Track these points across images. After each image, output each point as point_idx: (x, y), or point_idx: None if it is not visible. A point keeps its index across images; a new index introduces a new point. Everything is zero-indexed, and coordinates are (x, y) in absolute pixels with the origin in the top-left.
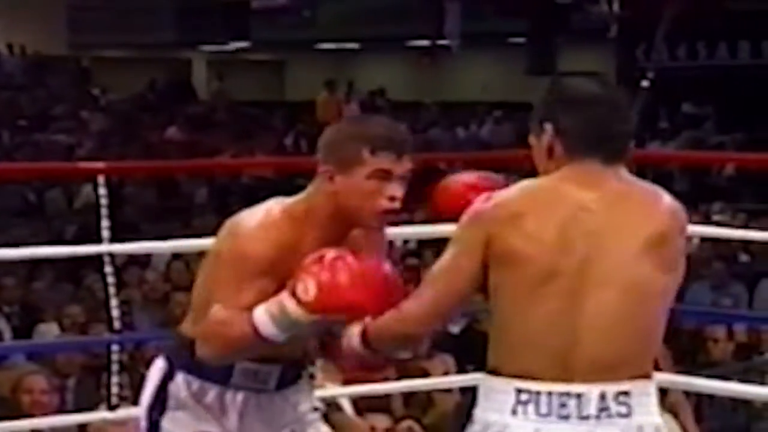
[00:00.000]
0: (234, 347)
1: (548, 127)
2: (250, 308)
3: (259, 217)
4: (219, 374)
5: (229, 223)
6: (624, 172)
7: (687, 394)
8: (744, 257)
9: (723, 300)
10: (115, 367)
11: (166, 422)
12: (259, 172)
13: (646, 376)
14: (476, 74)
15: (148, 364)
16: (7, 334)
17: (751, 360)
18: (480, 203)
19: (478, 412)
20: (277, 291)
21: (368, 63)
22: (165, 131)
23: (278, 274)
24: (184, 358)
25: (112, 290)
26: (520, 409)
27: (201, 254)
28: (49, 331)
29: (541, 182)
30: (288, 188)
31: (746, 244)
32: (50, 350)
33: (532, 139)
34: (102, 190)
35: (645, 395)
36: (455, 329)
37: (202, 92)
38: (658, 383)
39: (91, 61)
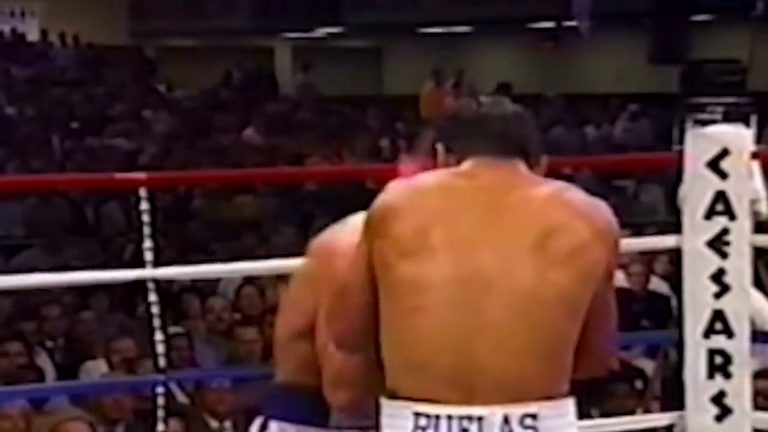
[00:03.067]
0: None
1: (440, 147)
2: None
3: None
4: (316, 414)
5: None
6: (521, 167)
7: None
8: None
9: None
10: (160, 412)
11: None
12: (350, 180)
13: (558, 396)
14: (608, 61)
15: (210, 407)
16: (50, 373)
17: None
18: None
19: None
20: None
21: (480, 49)
22: (241, 133)
23: None
24: (277, 404)
25: (157, 322)
26: None
27: (279, 278)
28: (96, 369)
29: (425, 178)
30: None
31: None
32: (91, 391)
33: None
34: (144, 205)
35: (557, 417)
36: None
37: (285, 87)
38: None
39: (156, 52)
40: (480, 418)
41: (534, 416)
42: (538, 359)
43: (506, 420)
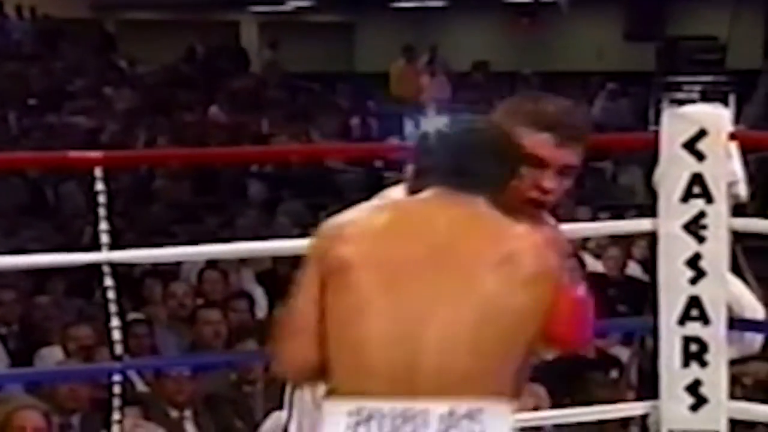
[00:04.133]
0: None
1: (410, 169)
2: None
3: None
4: None
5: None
6: (482, 203)
7: None
8: None
9: None
10: (116, 402)
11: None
12: (317, 160)
13: (500, 395)
14: (587, 38)
15: (169, 396)
16: (3, 360)
17: None
18: None
19: None
20: None
21: (456, 25)
22: (204, 110)
23: None
24: None
25: (113, 307)
26: (362, 429)
27: (242, 261)
28: (52, 356)
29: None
30: (355, 180)
31: None
32: (45, 379)
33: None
34: (100, 186)
35: (498, 416)
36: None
37: (251, 63)
38: None
39: (116, 26)
40: (419, 413)
41: (475, 413)
42: (482, 356)
43: (447, 415)
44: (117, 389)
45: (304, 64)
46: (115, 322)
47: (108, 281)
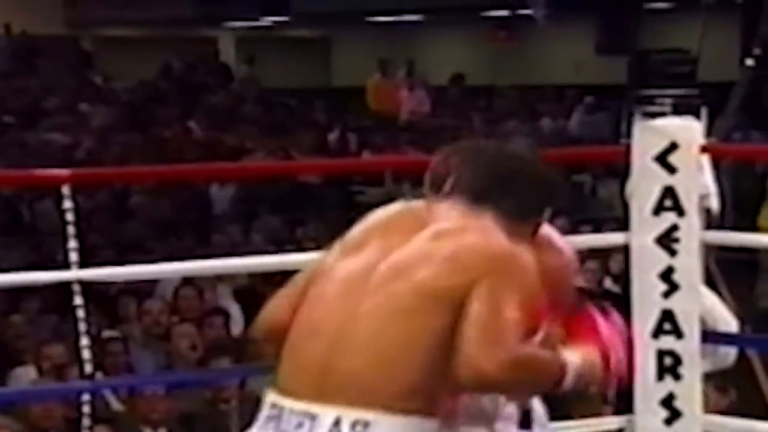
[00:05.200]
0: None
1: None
2: None
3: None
4: None
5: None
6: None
7: None
8: None
9: None
10: (86, 421)
11: None
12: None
13: (402, 412)
14: (564, 52)
15: (143, 414)
16: None
17: None
18: None
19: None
20: None
21: (432, 38)
22: (181, 126)
23: None
24: None
25: (83, 326)
26: (271, 424)
27: (218, 278)
28: (25, 376)
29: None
30: (333, 196)
31: None
32: (18, 399)
33: None
34: (67, 203)
35: (392, 430)
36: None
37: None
38: None
39: (93, 43)
40: (314, 417)
41: (366, 424)
42: (382, 370)
43: (337, 422)
44: (87, 408)
45: (280, 79)
46: (85, 341)
47: (78, 300)
